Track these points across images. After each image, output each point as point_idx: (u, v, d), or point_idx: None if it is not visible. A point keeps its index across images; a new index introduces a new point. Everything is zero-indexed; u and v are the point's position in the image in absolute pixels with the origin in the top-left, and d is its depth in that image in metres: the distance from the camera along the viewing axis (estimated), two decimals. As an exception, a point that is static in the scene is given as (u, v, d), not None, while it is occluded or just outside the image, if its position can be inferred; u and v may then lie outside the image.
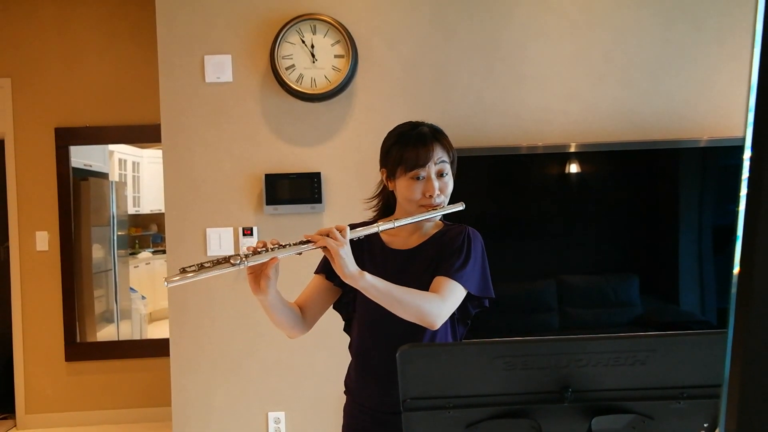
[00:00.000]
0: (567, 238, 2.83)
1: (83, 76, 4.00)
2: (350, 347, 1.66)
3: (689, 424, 0.92)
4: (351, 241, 1.39)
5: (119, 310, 4.79)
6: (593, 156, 2.73)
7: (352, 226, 1.47)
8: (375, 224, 1.47)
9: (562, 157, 2.72)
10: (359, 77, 2.76)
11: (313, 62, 2.70)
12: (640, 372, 0.87)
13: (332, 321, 2.78)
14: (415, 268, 1.53)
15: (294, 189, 2.72)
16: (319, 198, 2.73)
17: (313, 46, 2.70)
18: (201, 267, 1.34)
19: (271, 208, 2.72)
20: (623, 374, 0.88)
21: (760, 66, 0.37)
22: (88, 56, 4.00)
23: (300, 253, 1.40)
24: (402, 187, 1.53)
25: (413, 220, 1.50)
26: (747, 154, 0.38)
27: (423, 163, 1.49)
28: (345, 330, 1.69)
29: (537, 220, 2.80)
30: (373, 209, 1.69)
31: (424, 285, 1.47)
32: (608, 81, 2.80)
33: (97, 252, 4.46)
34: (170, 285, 1.35)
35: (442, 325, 1.46)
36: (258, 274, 1.41)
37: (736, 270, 0.38)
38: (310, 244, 1.38)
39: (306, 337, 2.78)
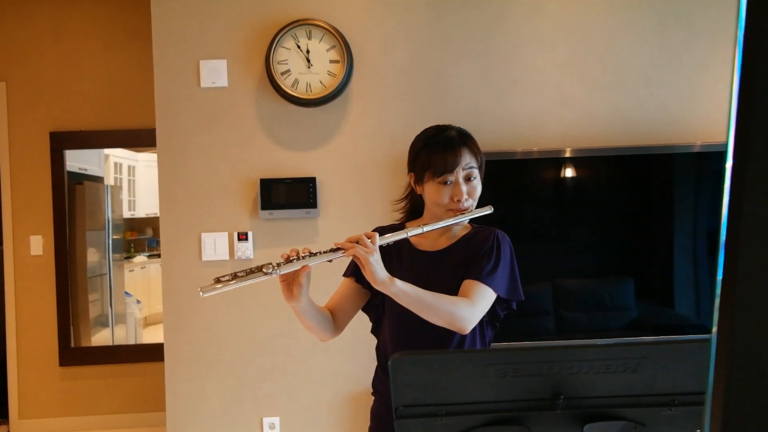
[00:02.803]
0: (562, 242, 2.83)
1: (79, 80, 3.99)
2: (377, 349, 1.65)
3: (681, 430, 0.93)
4: (380, 246, 1.40)
5: (114, 315, 4.78)
6: (588, 161, 2.74)
7: (381, 230, 1.49)
8: (404, 230, 1.48)
9: (557, 162, 2.72)
10: (354, 82, 2.77)
11: (309, 67, 2.70)
12: (632, 379, 0.88)
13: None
14: (443, 270, 1.54)
15: (289, 194, 2.72)
16: (314, 203, 2.73)
17: (308, 51, 2.70)
18: (235, 276, 1.38)
19: (266, 212, 2.72)
20: (615, 381, 0.88)
21: (741, 75, 0.37)
22: (83, 60, 4.00)
23: (331, 261, 1.42)
24: (430, 191, 1.53)
25: (441, 225, 1.51)
26: (729, 162, 0.38)
27: (451, 168, 1.50)
28: (372, 332, 1.68)
29: (532, 225, 2.81)
30: (401, 211, 1.70)
31: (452, 287, 1.47)
32: (602, 86, 2.81)
33: (92, 256, 4.45)
34: (205, 295, 1.38)
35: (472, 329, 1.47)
36: (290, 282, 1.44)
37: (720, 276, 0.39)
38: (340, 252, 1.40)
39: (301, 343, 2.78)
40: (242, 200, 2.77)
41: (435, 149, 1.52)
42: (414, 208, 1.67)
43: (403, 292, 1.37)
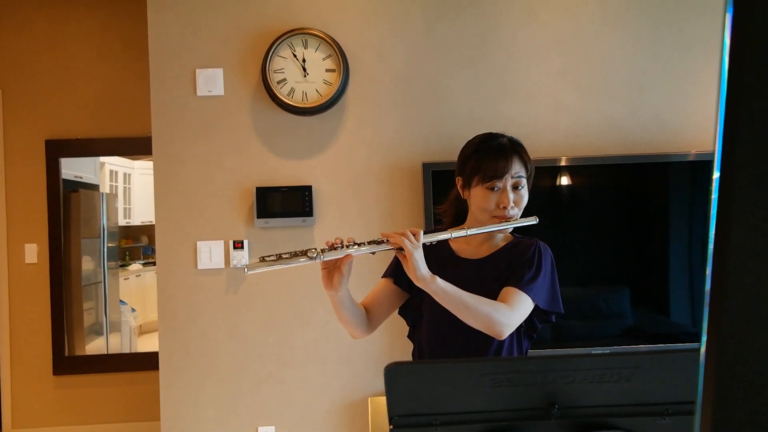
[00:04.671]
0: (557, 250, 2.82)
1: (74, 88, 4.00)
2: (413, 354, 1.65)
3: (675, 440, 0.93)
4: (422, 245, 1.41)
5: (109, 323, 4.76)
6: (582, 169, 2.75)
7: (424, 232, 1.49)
8: (447, 231, 1.48)
9: (551, 170, 2.73)
10: (350, 91, 2.78)
11: (305, 76, 2.71)
12: (626, 388, 0.88)
13: (322, 334, 2.78)
14: (484, 278, 1.53)
15: (285, 202, 2.72)
16: (311, 211, 2.73)
17: (304, 60, 2.71)
18: (279, 257, 1.38)
19: (262, 221, 2.72)
20: (609, 391, 0.88)
21: (728, 87, 0.37)
22: (79, 68, 4.00)
23: (374, 253, 1.42)
24: (477, 196, 1.53)
25: (485, 230, 1.50)
26: (715, 174, 0.39)
27: (500, 175, 1.50)
28: (409, 336, 1.68)
29: (527, 233, 2.81)
30: (445, 217, 1.69)
31: (492, 295, 1.47)
32: (596, 95, 2.83)
33: (87, 264, 4.43)
34: (250, 272, 1.38)
35: (508, 337, 1.47)
36: (331, 270, 1.43)
37: (708, 287, 0.39)
38: (384, 244, 1.40)
39: (297, 351, 2.78)
40: (238, 208, 2.77)
41: (486, 155, 1.52)
42: (457, 215, 1.66)
43: (443, 290, 1.37)
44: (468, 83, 2.80)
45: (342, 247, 1.39)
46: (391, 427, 0.97)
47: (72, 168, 4.28)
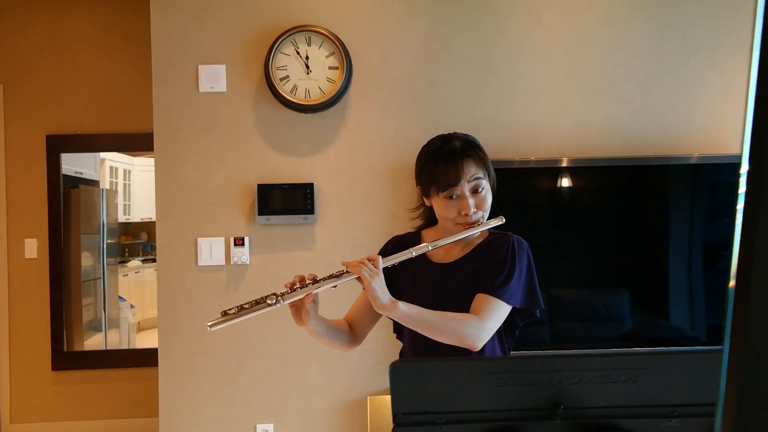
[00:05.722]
0: (558, 252, 2.83)
1: (76, 83, 3.99)
2: (401, 354, 1.64)
3: (680, 442, 0.92)
4: (385, 268, 1.40)
5: (107, 319, 4.75)
6: (584, 171, 2.75)
7: (393, 245, 1.50)
8: (408, 251, 1.44)
9: (553, 171, 2.73)
10: (353, 89, 2.77)
11: (308, 73, 2.71)
12: (632, 390, 0.87)
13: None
14: (457, 281, 1.50)
15: (287, 199, 2.72)
16: (312, 209, 2.72)
17: (307, 58, 2.71)
18: (241, 308, 1.38)
19: (263, 218, 2.71)
20: (615, 392, 0.88)
21: (759, 77, 0.36)
22: (80, 64, 3.99)
23: (335, 286, 1.40)
24: (437, 206, 1.51)
25: (451, 240, 1.47)
26: (744, 167, 0.38)
27: (454, 183, 1.45)
28: (397, 337, 1.67)
29: (528, 234, 2.80)
30: (419, 218, 1.67)
31: (467, 298, 1.45)
32: (600, 96, 2.82)
33: (86, 260, 4.42)
34: (213, 329, 1.38)
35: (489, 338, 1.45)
36: (298, 308, 1.43)
37: (732, 283, 0.38)
38: (345, 275, 1.38)
39: (295, 349, 2.77)
40: (239, 205, 2.76)
41: (437, 163, 1.47)
42: (431, 215, 1.63)
43: (407, 315, 1.36)
44: (471, 83, 2.80)
45: (302, 285, 1.39)
46: (395, 424, 0.96)
47: (72, 164, 4.27)
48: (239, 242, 2.74)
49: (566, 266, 2.84)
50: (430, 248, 1.45)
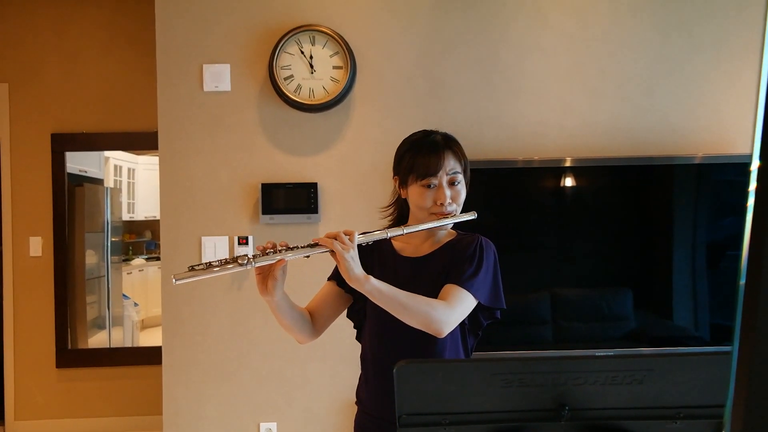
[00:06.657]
0: (561, 251, 2.83)
1: (81, 82, 4.00)
2: (361, 357, 1.64)
3: (685, 443, 0.92)
4: (360, 246, 1.40)
5: (111, 317, 4.76)
6: (588, 170, 2.74)
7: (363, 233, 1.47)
8: (384, 230, 1.46)
9: (557, 171, 2.73)
10: (357, 88, 2.77)
11: (312, 73, 2.71)
12: (638, 391, 0.88)
13: (325, 332, 2.77)
14: (426, 275, 1.52)
15: (290, 199, 2.72)
16: (316, 208, 2.72)
17: (311, 57, 2.71)
18: (209, 266, 1.34)
19: (267, 217, 2.72)
20: (620, 393, 0.88)
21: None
22: (85, 62, 4.00)
23: (308, 256, 1.40)
24: (413, 194, 1.53)
25: (423, 228, 1.49)
26: (755, 164, 0.37)
27: (434, 172, 1.50)
28: (357, 338, 1.67)
29: (532, 234, 2.81)
30: (388, 218, 1.70)
31: (435, 293, 1.46)
32: (604, 96, 2.82)
33: (91, 258, 4.44)
34: (178, 282, 1.33)
35: (452, 335, 1.46)
36: (266, 275, 1.41)
37: (743, 281, 0.38)
38: (318, 248, 1.38)
39: (299, 348, 2.78)
40: (243, 204, 2.77)
41: (419, 152, 1.52)
42: (401, 215, 1.67)
43: (378, 290, 1.36)
44: (475, 83, 2.79)
45: (275, 251, 1.37)
46: (399, 425, 0.96)
47: (77, 162, 4.28)
48: (243, 241, 2.74)
49: (569, 266, 2.83)
50: (404, 232, 1.47)
